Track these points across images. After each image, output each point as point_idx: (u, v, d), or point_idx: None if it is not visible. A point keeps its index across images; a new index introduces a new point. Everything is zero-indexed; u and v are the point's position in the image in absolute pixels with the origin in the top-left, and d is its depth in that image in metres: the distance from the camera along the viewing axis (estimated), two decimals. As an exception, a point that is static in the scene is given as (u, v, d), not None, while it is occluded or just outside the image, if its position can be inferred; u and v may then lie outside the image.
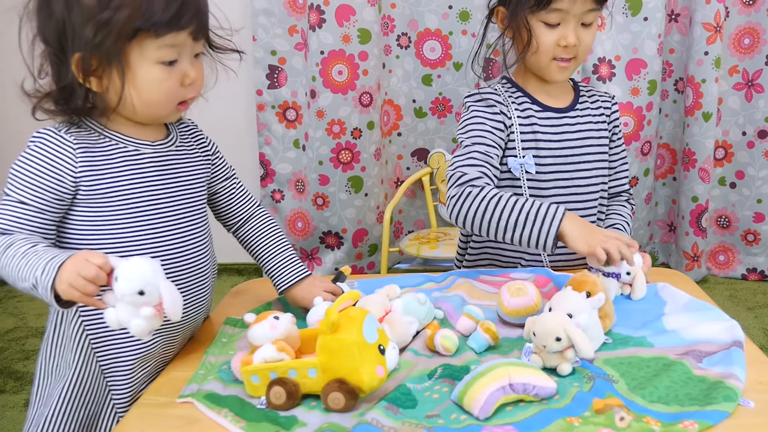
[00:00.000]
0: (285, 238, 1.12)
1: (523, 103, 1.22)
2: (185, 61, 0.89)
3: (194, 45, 0.89)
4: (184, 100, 0.92)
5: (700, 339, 0.90)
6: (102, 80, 0.86)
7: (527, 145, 1.21)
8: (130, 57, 0.85)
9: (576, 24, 1.15)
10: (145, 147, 0.93)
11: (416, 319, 0.95)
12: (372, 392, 0.80)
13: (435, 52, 2.29)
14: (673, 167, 2.48)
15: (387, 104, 2.37)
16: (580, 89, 1.29)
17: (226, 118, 2.44)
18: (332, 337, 0.79)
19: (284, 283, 1.07)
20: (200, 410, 0.81)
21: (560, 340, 0.83)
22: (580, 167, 1.24)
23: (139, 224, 0.91)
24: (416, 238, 2.22)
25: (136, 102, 0.87)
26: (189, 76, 0.89)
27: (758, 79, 2.29)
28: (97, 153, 0.89)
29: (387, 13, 2.27)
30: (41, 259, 0.79)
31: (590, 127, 1.25)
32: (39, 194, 0.86)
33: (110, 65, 0.84)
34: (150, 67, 0.86)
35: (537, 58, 1.18)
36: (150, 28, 0.83)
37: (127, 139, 0.92)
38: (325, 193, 2.35)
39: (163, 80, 0.87)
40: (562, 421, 0.74)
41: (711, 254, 2.53)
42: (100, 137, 0.91)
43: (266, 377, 0.81)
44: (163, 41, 0.84)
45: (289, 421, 0.78)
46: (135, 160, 0.92)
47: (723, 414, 0.74)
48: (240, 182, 1.12)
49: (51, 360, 0.95)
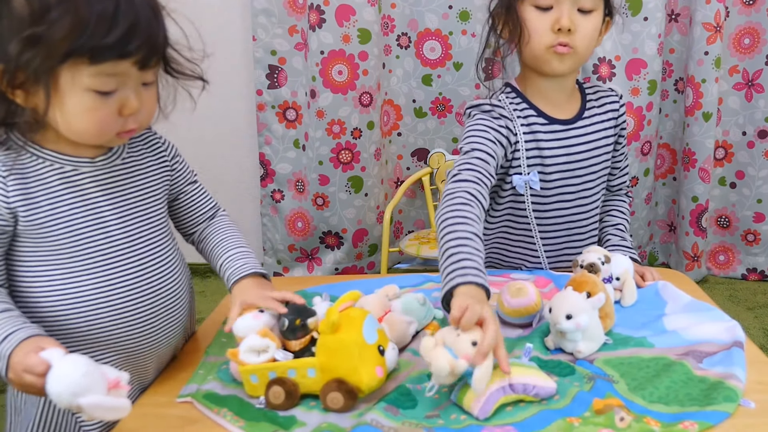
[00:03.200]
0: (243, 240, 0.99)
1: (529, 117, 1.16)
2: (127, 91, 0.77)
3: (141, 74, 0.77)
4: (125, 130, 0.80)
5: (701, 339, 0.90)
6: (29, 95, 0.75)
7: (532, 162, 1.16)
8: (59, 80, 0.73)
9: (571, 7, 1.07)
10: (84, 165, 0.82)
11: (416, 319, 0.95)
12: (371, 393, 0.80)
13: (435, 52, 2.29)
14: (673, 167, 2.48)
15: (387, 104, 2.37)
16: (587, 93, 1.23)
17: (226, 118, 2.44)
18: (332, 337, 0.79)
19: (231, 278, 0.94)
20: (199, 410, 0.81)
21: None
22: (586, 179, 1.20)
23: (89, 254, 0.82)
24: (416, 238, 2.23)
25: (62, 128, 0.77)
26: (129, 107, 0.77)
27: (758, 79, 2.29)
28: (30, 177, 0.79)
29: (387, 13, 2.27)
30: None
31: (597, 137, 1.20)
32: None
33: (38, 83, 0.73)
34: (81, 95, 0.74)
35: (531, 48, 1.10)
36: (84, 54, 0.71)
37: (63, 157, 0.81)
38: (325, 193, 2.34)
39: (95, 109, 0.75)
40: (562, 421, 0.74)
41: (711, 254, 2.53)
42: (31, 158, 0.80)
43: (265, 377, 0.81)
44: (99, 69, 0.73)
45: (288, 420, 0.78)
46: (73, 182, 0.81)
47: (723, 414, 0.74)
48: (202, 187, 1.02)
49: (18, 396, 0.86)
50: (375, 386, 0.79)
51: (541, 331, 0.95)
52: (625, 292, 1.05)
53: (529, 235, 1.22)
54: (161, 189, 0.92)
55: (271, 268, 2.49)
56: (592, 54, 1.16)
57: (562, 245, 1.24)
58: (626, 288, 1.05)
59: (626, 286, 1.05)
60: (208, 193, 1.03)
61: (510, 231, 1.24)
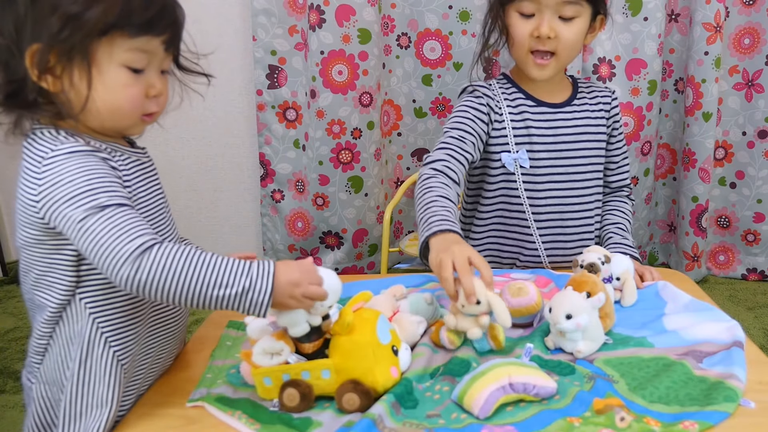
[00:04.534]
0: None
1: (516, 99, 1.23)
2: (152, 72, 0.81)
3: (164, 57, 0.82)
4: (148, 113, 0.84)
5: (701, 339, 0.90)
6: (60, 79, 0.76)
7: (520, 140, 1.22)
8: (96, 56, 0.76)
9: (552, 15, 1.13)
10: (140, 155, 0.87)
11: (424, 318, 0.95)
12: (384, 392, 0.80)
13: (435, 52, 2.29)
14: (673, 167, 2.48)
15: (387, 104, 2.37)
16: (579, 85, 1.29)
17: (226, 118, 2.44)
18: (346, 338, 0.79)
19: None
20: (212, 413, 0.80)
21: (479, 303, 0.86)
22: (576, 162, 1.24)
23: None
24: (416, 238, 2.22)
25: (100, 106, 0.78)
26: (155, 87, 0.82)
27: (758, 79, 2.29)
28: (119, 162, 0.81)
29: (387, 13, 2.27)
30: (236, 261, 0.75)
31: (587, 123, 1.25)
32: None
33: (71, 63, 0.75)
34: (117, 69, 0.77)
35: (515, 51, 1.19)
36: (125, 27, 0.75)
37: (121, 148, 0.84)
38: (325, 193, 2.34)
39: (129, 86, 0.79)
40: (562, 421, 0.74)
41: (711, 254, 2.53)
42: (104, 147, 0.81)
43: (279, 379, 0.81)
44: (135, 43, 0.77)
45: (304, 422, 0.77)
46: (144, 170, 0.87)
47: (723, 414, 0.74)
48: None
49: (80, 399, 0.82)
50: (390, 387, 0.80)
51: (542, 330, 0.95)
52: (626, 292, 1.05)
53: (523, 218, 1.25)
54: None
55: (271, 268, 2.49)
56: (577, 56, 1.22)
57: (557, 234, 1.26)
58: (626, 288, 1.05)
59: (626, 286, 1.05)
60: None
61: (504, 216, 1.27)
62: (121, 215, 0.73)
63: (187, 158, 2.49)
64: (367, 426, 0.72)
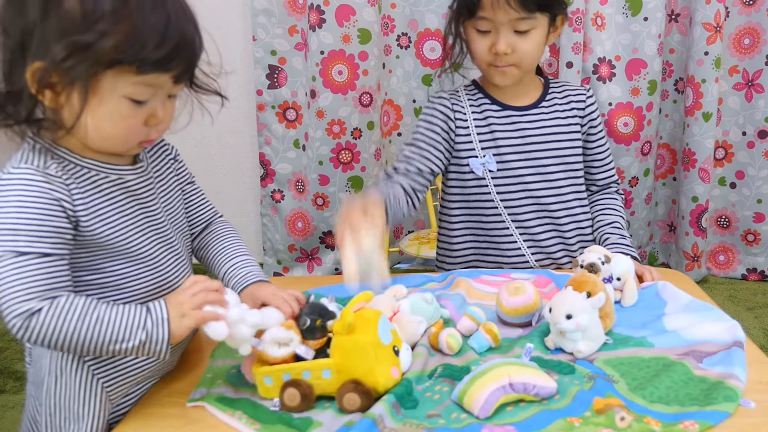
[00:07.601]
0: (245, 247, 1.00)
1: (482, 105, 1.26)
2: (157, 101, 0.78)
3: (173, 87, 0.79)
4: (146, 140, 0.81)
5: (701, 339, 0.90)
6: (58, 97, 0.73)
7: (486, 145, 1.24)
8: (99, 85, 0.73)
9: (507, 32, 1.15)
10: (128, 172, 0.83)
11: (424, 318, 0.95)
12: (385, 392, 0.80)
13: (435, 52, 2.29)
14: (673, 167, 2.48)
15: (387, 104, 2.37)
16: (551, 86, 1.30)
17: (226, 118, 2.44)
18: (348, 338, 0.79)
19: (237, 287, 0.95)
20: (212, 413, 0.80)
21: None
22: (547, 162, 1.25)
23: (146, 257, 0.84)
24: (416, 238, 2.23)
25: (91, 132, 0.76)
26: (156, 117, 0.78)
27: (758, 79, 2.29)
28: (85, 186, 0.78)
29: (387, 13, 2.27)
30: (130, 311, 0.74)
31: (557, 123, 1.26)
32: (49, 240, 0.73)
33: (72, 86, 0.72)
34: (118, 101, 0.74)
35: (477, 64, 1.23)
36: (134, 63, 0.72)
37: (106, 166, 0.81)
38: (325, 193, 2.34)
39: (128, 117, 0.76)
40: (562, 421, 0.74)
41: (711, 254, 2.53)
42: (75, 167, 0.78)
43: (279, 379, 0.81)
44: (142, 79, 0.74)
45: (304, 422, 0.77)
46: (127, 188, 0.83)
47: (723, 414, 0.74)
48: (201, 189, 1.02)
49: (57, 412, 0.82)
50: (390, 387, 0.80)
51: (542, 330, 0.95)
52: (626, 292, 1.05)
53: (500, 221, 1.26)
54: (177, 190, 0.95)
55: (271, 269, 2.49)
56: (539, 61, 1.24)
57: (541, 233, 1.26)
58: (627, 288, 1.05)
59: (627, 286, 1.05)
60: (206, 196, 1.04)
61: (482, 221, 1.28)
62: (28, 268, 0.71)
63: (186, 158, 2.48)
64: (367, 426, 0.72)
